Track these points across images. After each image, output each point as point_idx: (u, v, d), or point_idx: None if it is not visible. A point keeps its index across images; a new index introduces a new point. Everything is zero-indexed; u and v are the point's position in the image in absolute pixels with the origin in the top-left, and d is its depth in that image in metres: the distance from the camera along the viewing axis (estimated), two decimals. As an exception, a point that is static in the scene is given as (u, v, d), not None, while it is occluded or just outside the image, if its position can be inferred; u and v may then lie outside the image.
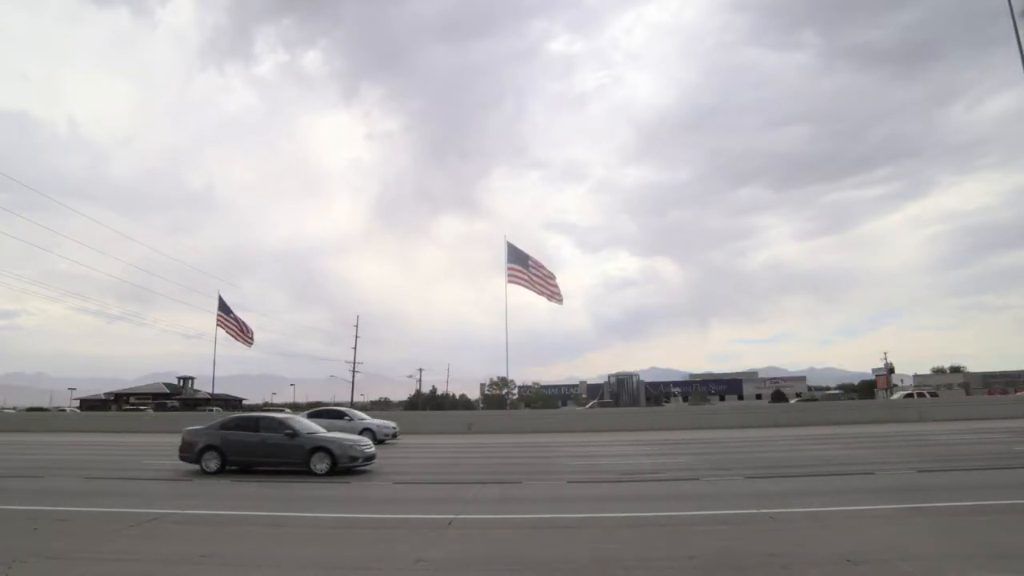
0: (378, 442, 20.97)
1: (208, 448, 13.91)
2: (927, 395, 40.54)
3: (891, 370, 72.62)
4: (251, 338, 47.97)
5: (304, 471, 13.30)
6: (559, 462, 16.07)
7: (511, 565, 6.08)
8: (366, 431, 22.16)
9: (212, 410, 46.96)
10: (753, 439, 21.62)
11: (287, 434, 13.81)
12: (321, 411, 25.96)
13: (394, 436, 25.31)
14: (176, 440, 14.66)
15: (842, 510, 8.35)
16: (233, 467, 13.99)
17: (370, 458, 14.18)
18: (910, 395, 40.50)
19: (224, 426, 14.47)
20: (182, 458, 14.18)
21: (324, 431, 14.85)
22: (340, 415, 24.97)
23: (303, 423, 15.14)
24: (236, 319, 47.79)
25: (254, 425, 14.32)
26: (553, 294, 36.51)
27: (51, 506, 9.55)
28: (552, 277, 36.93)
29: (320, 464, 13.34)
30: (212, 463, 13.78)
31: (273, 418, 15.06)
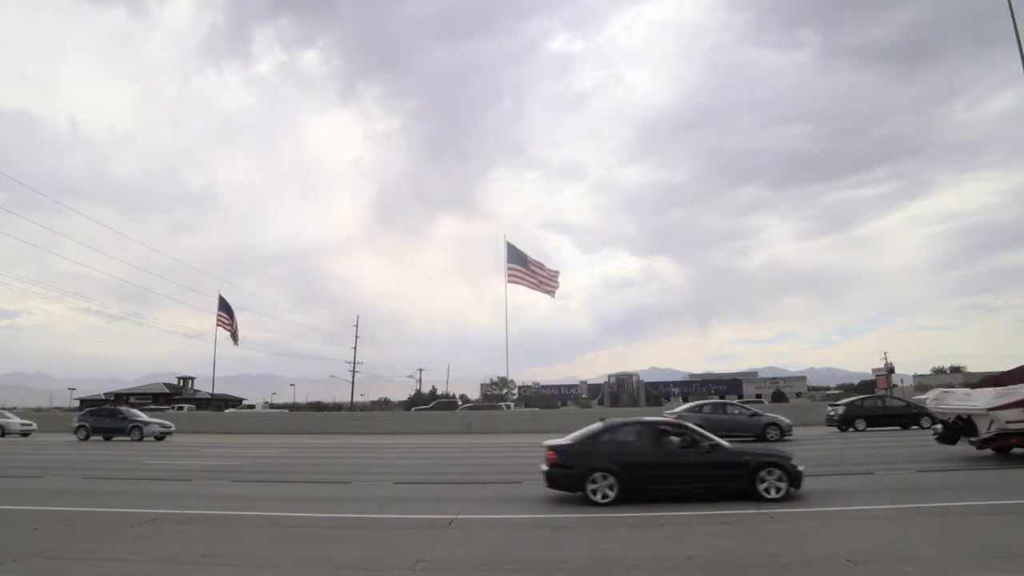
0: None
1: None
2: None
3: (891, 370, 72.36)
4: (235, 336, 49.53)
5: None
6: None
7: (511, 565, 6.08)
8: None
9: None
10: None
11: None
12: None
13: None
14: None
15: (842, 510, 8.35)
16: None
17: None
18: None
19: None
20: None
21: None
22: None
23: None
24: (229, 318, 48.68)
25: None
26: (544, 281, 36.78)
27: (51, 506, 9.56)
28: (555, 275, 37.23)
29: None
30: None
31: None
